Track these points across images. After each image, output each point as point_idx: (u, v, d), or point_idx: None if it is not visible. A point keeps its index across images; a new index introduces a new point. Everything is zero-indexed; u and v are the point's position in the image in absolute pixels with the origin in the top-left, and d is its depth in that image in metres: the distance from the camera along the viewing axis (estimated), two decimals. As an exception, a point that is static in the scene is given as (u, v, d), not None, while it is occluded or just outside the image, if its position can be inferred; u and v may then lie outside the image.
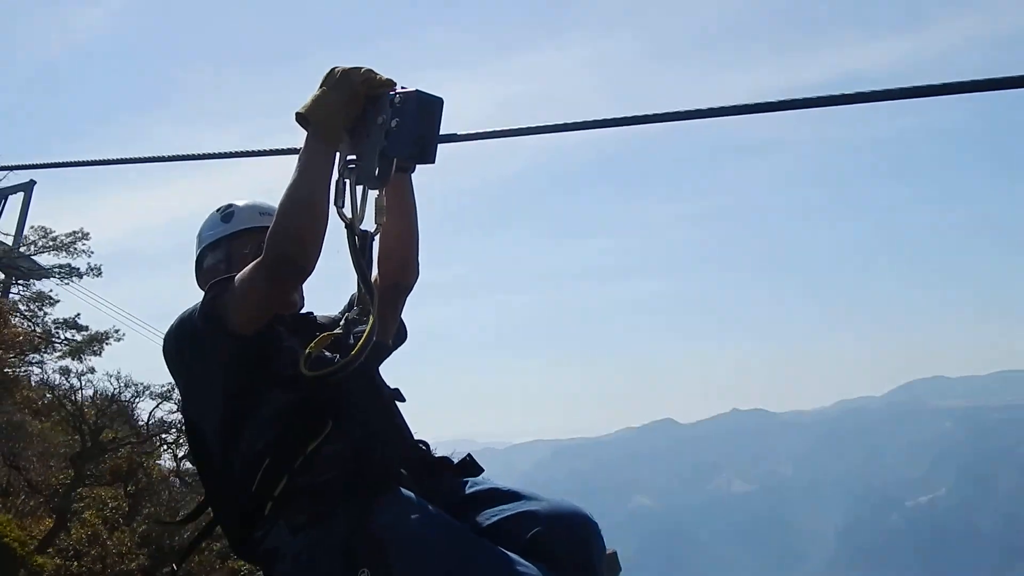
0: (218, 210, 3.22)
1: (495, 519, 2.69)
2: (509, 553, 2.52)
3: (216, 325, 2.73)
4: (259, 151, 3.19)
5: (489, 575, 2.46)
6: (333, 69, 2.70)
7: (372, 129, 2.62)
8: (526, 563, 2.49)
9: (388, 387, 3.03)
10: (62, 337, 22.55)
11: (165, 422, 15.57)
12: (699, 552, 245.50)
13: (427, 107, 2.60)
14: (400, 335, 3.21)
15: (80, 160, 4.18)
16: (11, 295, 25.99)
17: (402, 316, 3.20)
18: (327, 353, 2.80)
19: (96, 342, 22.03)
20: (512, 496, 2.76)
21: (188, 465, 14.40)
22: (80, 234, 25.56)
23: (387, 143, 2.60)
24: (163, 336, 2.96)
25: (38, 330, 21.50)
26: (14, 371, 15.13)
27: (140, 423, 16.19)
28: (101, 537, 8.45)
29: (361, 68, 2.68)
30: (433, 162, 2.68)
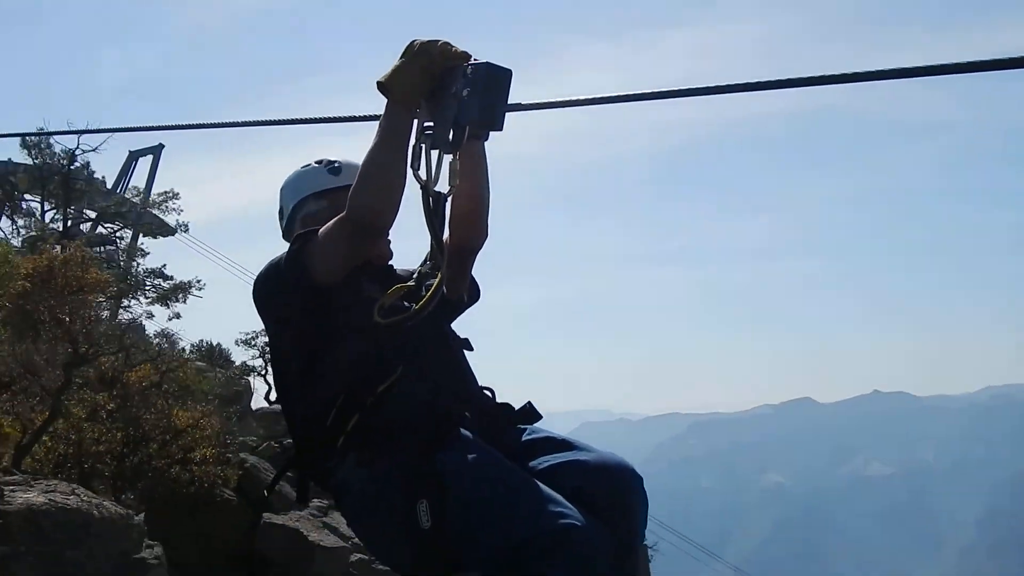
0: (319, 163, 3.40)
1: (546, 465, 2.83)
2: (556, 495, 2.64)
3: (300, 273, 2.92)
4: (346, 117, 3.35)
5: (534, 511, 2.57)
6: (413, 42, 2.81)
7: (446, 98, 2.74)
8: (571, 507, 2.61)
9: (458, 338, 3.23)
10: (149, 285, 24.28)
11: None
12: (833, 533, 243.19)
13: (496, 78, 2.72)
14: (473, 293, 3.37)
15: (194, 124, 4.33)
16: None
17: (474, 275, 3.33)
18: (401, 303, 2.93)
19: (180, 291, 24.80)
20: (565, 445, 2.91)
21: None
22: (171, 194, 28.32)
23: (459, 111, 2.72)
24: (253, 281, 3.14)
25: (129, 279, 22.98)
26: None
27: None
28: (82, 427, 8.41)
29: (439, 41, 2.77)
30: (501, 129, 2.80)
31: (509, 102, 2.76)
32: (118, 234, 30.93)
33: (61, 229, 22.38)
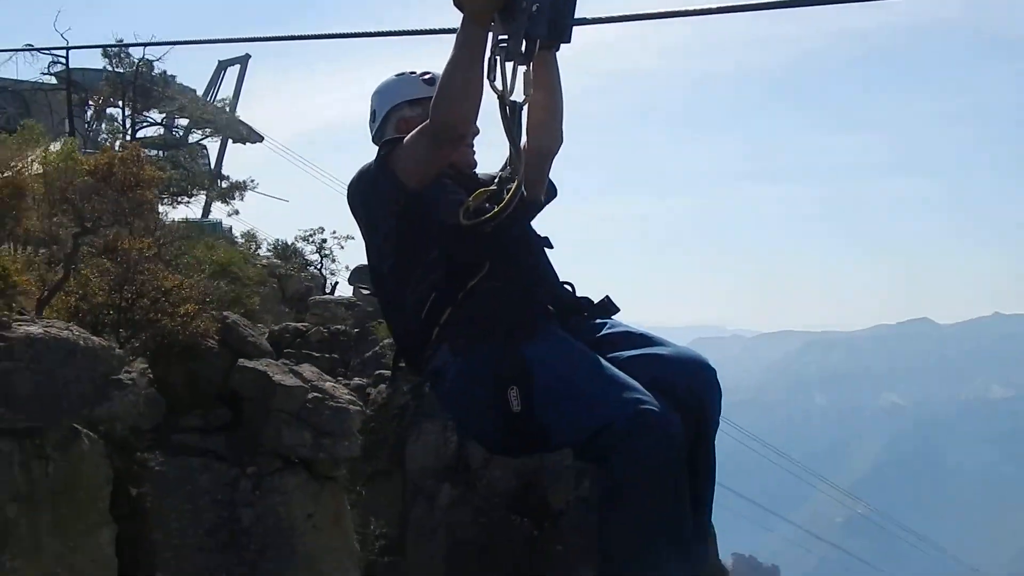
0: (414, 72, 3.62)
1: (626, 356, 3.06)
2: (634, 382, 2.87)
3: (389, 175, 3.21)
4: (424, 30, 3.64)
5: (614, 396, 2.80)
6: None
7: (518, 12, 2.89)
8: (648, 393, 2.83)
9: (539, 236, 3.45)
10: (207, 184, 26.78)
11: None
12: (949, 452, 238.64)
13: None
14: (550, 193, 3.61)
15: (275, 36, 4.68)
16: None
17: (551, 177, 3.55)
18: (485, 205, 3.20)
19: (236, 189, 27.51)
20: (643, 339, 3.15)
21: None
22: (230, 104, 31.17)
23: (529, 24, 2.88)
24: (346, 186, 3.41)
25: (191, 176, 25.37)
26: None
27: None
28: (88, 283, 9.56)
29: None
30: (568, 41, 3.02)
31: (576, 15, 2.97)
32: (205, 140, 33.51)
33: (130, 132, 24.23)
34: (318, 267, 24.76)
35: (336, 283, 24.30)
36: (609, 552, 2.85)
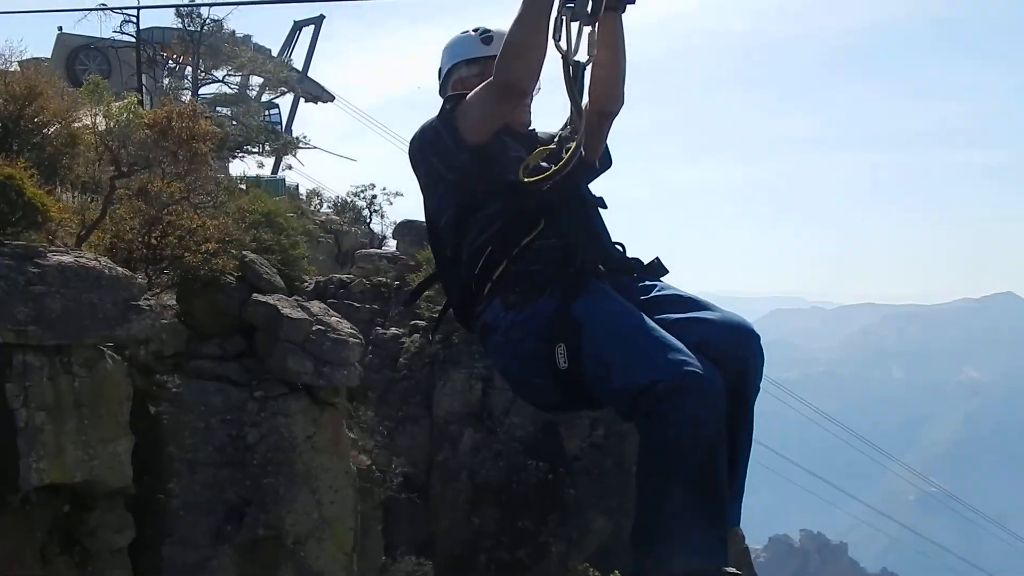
0: (475, 31, 3.67)
1: (674, 318, 3.05)
2: (680, 344, 2.87)
3: (451, 131, 3.28)
4: None
5: (660, 357, 2.82)
6: None
7: None
8: (692, 355, 2.84)
9: (594, 196, 3.48)
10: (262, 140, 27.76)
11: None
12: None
13: None
14: (606, 160, 3.65)
15: None
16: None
17: (608, 144, 3.61)
18: (543, 164, 3.20)
19: (291, 145, 29.04)
20: (692, 303, 3.15)
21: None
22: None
23: None
24: (408, 140, 3.47)
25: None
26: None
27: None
28: (121, 221, 10.54)
29: None
30: (633, 2, 3.17)
31: None
32: (277, 98, 34.80)
33: (191, 88, 25.53)
34: (367, 222, 25.64)
35: (384, 237, 25.33)
36: (647, 505, 2.88)
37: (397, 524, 18.24)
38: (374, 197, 26.35)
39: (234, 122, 23.45)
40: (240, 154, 28.32)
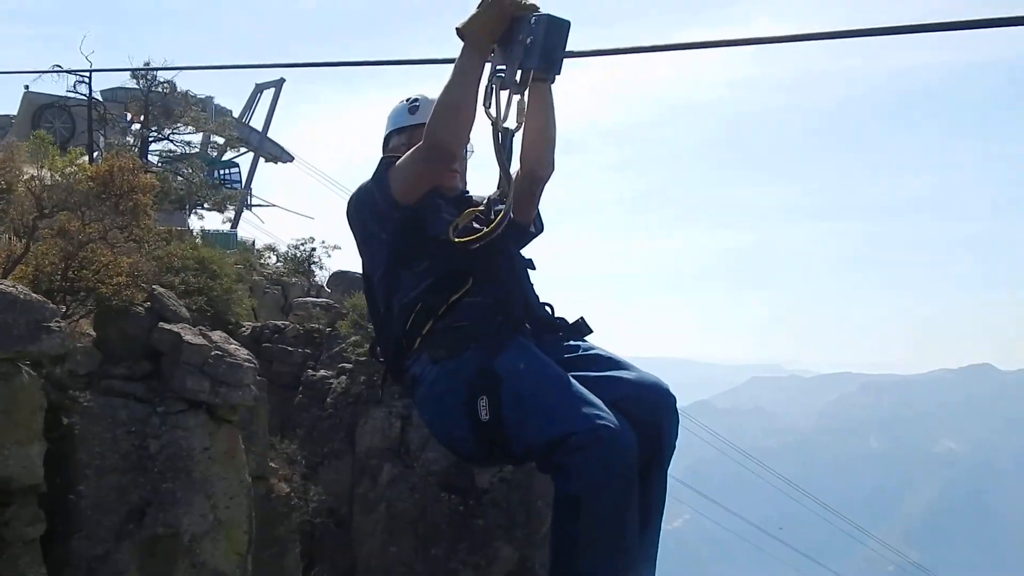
0: (407, 100, 3.80)
1: (592, 375, 3.24)
2: (596, 399, 3.04)
3: (384, 191, 3.41)
4: (423, 59, 3.81)
5: (574, 411, 2.98)
6: None
7: (515, 44, 3.14)
8: (607, 411, 3.01)
9: (523, 258, 3.65)
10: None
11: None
12: (1006, 504, 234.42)
13: (556, 28, 3.11)
14: (539, 225, 3.80)
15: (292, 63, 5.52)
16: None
17: (539, 210, 3.74)
18: (474, 225, 3.39)
19: (230, 199, 30.48)
20: (612, 362, 3.35)
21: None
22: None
23: (523, 56, 3.11)
24: (347, 200, 3.61)
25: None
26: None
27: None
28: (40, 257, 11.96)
29: None
30: (559, 73, 3.23)
31: (568, 49, 3.13)
32: (238, 158, 36.82)
33: (138, 146, 27.14)
34: (310, 274, 27.26)
35: (321, 287, 26.86)
36: (560, 555, 3.03)
37: (322, 550, 19.57)
38: (313, 250, 27.80)
39: (179, 177, 24.94)
40: (196, 209, 30.29)
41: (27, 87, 30.54)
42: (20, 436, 10.98)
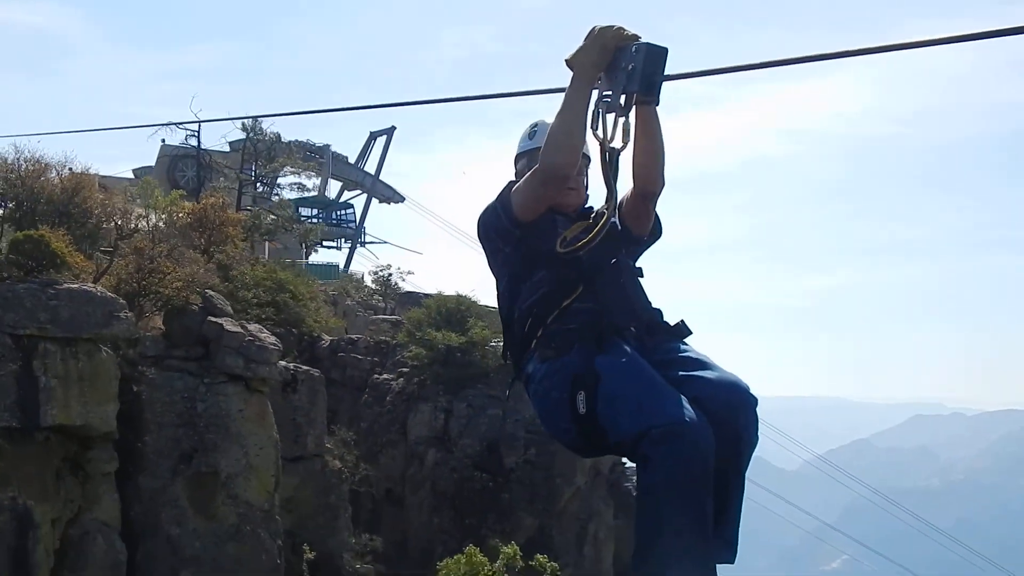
0: (530, 125, 4.11)
1: (680, 374, 3.47)
2: (680, 397, 3.29)
3: (507, 210, 3.71)
4: (536, 91, 4.04)
5: (659, 406, 3.23)
6: (593, 27, 3.45)
7: (619, 72, 3.38)
8: (690, 408, 3.24)
9: (633, 266, 3.91)
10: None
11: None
12: None
13: (654, 55, 3.36)
14: (656, 231, 4.05)
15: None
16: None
17: (658, 215, 3.99)
18: (580, 235, 3.62)
19: (311, 236, 34.37)
20: (698, 363, 3.57)
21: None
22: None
23: (626, 82, 3.36)
24: (476, 219, 3.88)
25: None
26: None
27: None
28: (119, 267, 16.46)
29: (613, 26, 3.42)
30: (657, 94, 3.50)
31: (666, 73, 3.43)
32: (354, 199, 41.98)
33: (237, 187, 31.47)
34: (383, 294, 31.41)
35: (396, 306, 30.93)
36: (644, 537, 3.28)
37: (380, 523, 23.31)
38: (389, 275, 31.92)
39: (273, 215, 29.27)
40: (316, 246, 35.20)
41: (164, 140, 34.91)
42: (99, 397, 15.03)
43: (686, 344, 3.74)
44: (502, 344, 4.01)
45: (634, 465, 3.34)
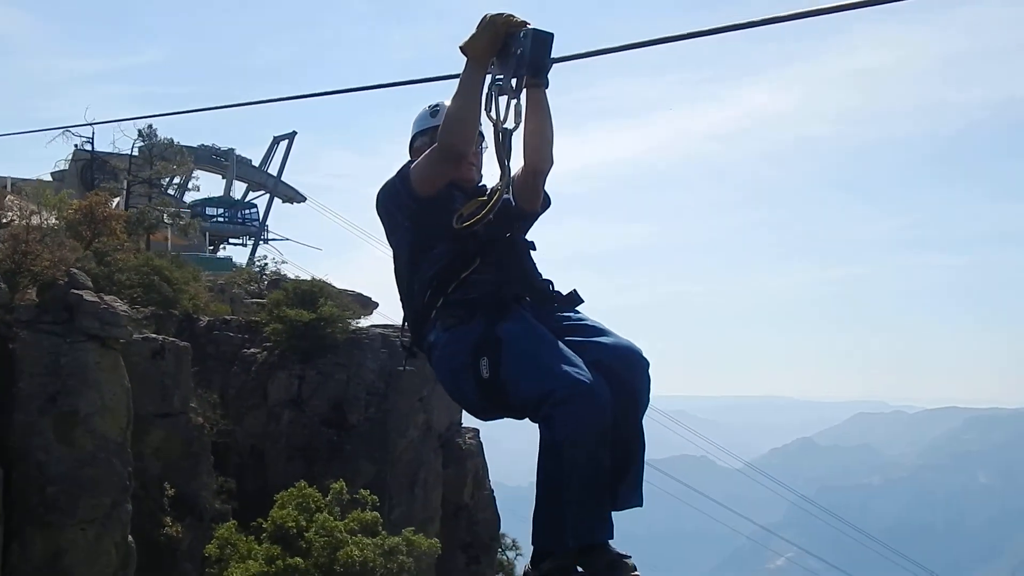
0: (429, 106, 4.35)
1: (578, 340, 3.76)
2: (578, 360, 3.60)
3: (406, 186, 3.97)
4: (434, 77, 4.37)
5: (559, 369, 3.52)
6: (485, 15, 3.72)
7: (509, 57, 3.69)
8: (587, 370, 3.55)
9: (526, 240, 4.20)
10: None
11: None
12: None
13: (541, 40, 3.66)
14: (546, 203, 4.30)
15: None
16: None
17: (547, 191, 4.23)
18: (476, 211, 3.90)
19: (190, 227, 37.59)
20: (594, 329, 3.87)
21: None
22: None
23: (516, 66, 3.67)
24: (376, 194, 4.13)
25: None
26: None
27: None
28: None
29: (503, 14, 3.70)
30: (546, 76, 3.85)
31: (553, 56, 3.74)
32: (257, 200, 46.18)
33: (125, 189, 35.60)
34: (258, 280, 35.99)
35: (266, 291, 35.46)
36: (545, 494, 3.58)
37: (245, 474, 27.41)
38: (265, 264, 37.03)
39: (159, 208, 33.57)
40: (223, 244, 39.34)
41: (76, 146, 37.91)
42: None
43: (580, 312, 4.06)
44: (401, 324, 4.32)
45: (477, 425, 5.11)
